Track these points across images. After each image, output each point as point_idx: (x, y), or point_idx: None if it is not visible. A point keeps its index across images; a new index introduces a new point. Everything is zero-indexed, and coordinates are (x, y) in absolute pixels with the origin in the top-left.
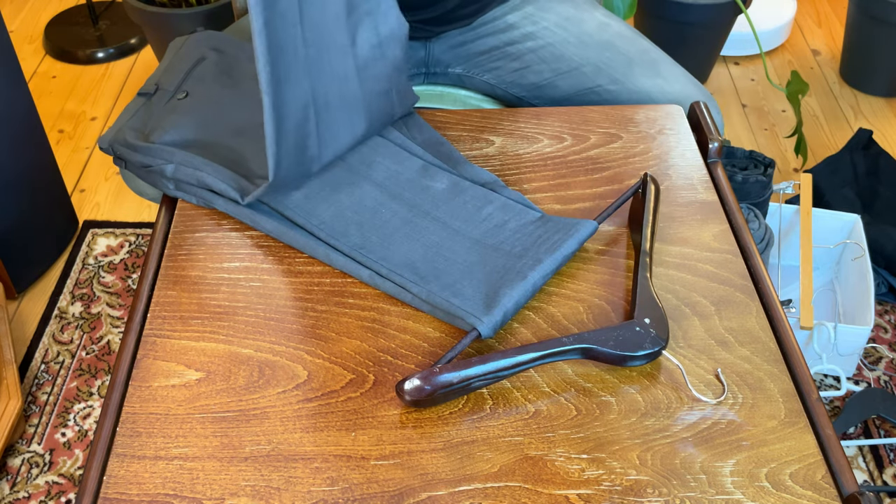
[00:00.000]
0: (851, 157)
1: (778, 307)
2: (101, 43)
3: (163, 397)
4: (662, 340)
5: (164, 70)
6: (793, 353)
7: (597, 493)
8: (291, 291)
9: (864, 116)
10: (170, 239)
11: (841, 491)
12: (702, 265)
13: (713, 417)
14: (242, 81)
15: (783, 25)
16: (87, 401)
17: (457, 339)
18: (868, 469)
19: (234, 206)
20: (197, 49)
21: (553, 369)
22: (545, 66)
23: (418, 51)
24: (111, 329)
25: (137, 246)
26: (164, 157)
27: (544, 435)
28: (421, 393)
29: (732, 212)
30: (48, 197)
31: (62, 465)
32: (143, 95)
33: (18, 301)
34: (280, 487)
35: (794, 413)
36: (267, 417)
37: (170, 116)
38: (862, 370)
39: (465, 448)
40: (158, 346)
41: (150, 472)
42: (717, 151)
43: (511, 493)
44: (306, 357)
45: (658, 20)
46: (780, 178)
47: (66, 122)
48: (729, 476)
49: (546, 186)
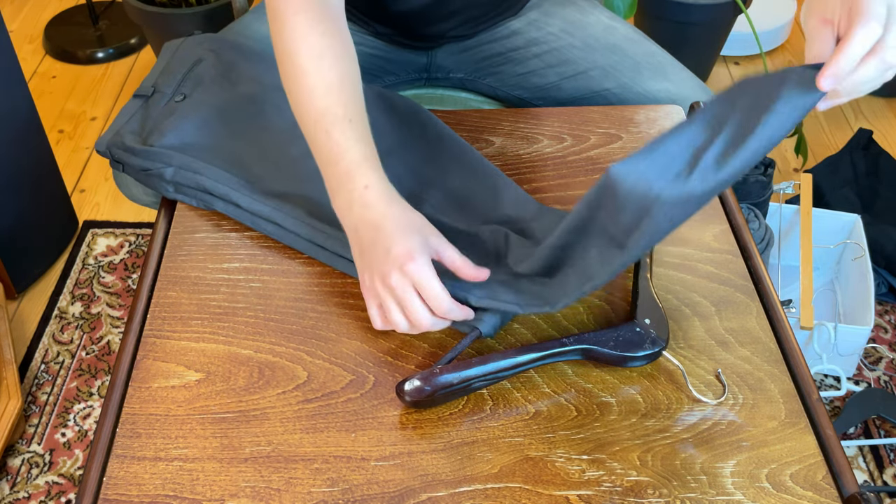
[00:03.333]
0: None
1: (778, 307)
2: (101, 43)
3: (163, 398)
4: (662, 341)
5: (162, 72)
6: (793, 354)
7: (597, 493)
8: (291, 292)
9: (864, 116)
10: (169, 240)
11: (841, 491)
12: (702, 265)
13: (713, 418)
14: (240, 83)
15: (783, 25)
16: (87, 401)
17: (457, 339)
18: (868, 469)
19: (234, 207)
20: (194, 51)
21: (553, 370)
22: (551, 71)
23: (420, 58)
24: (111, 329)
25: (137, 246)
26: (163, 161)
27: (544, 436)
28: (421, 394)
29: (732, 212)
30: (48, 197)
31: (62, 465)
32: (140, 97)
33: (18, 301)
34: (280, 488)
35: (794, 413)
36: (267, 418)
37: (168, 119)
38: (862, 370)
39: (465, 449)
40: (158, 346)
41: (150, 472)
42: None
43: (511, 494)
44: (306, 358)
45: (658, 20)
46: (780, 178)
47: (66, 122)
48: (729, 477)
49: (546, 187)
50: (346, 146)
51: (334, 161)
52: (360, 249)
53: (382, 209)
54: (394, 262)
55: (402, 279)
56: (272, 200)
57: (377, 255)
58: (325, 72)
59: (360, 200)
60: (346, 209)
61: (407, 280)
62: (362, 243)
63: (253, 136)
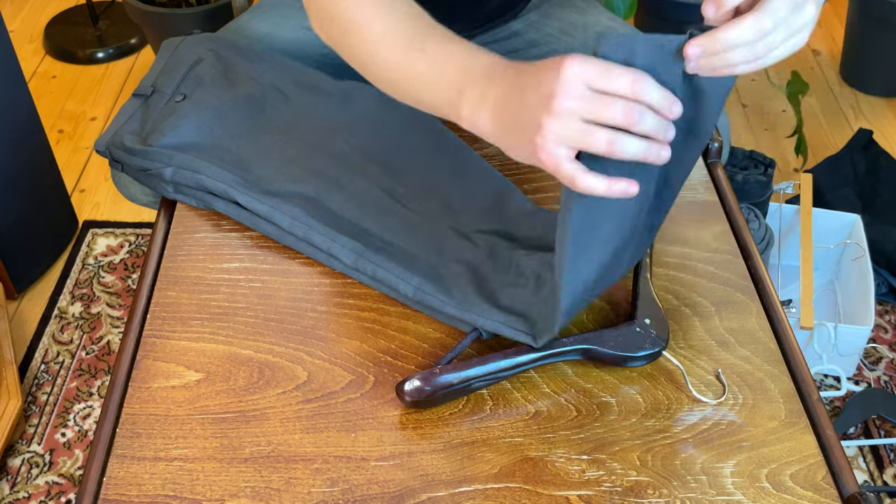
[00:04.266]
0: (851, 157)
1: (778, 307)
2: (101, 43)
3: (162, 398)
4: (662, 341)
5: (161, 72)
6: (793, 354)
7: (597, 493)
8: (291, 292)
9: (864, 116)
10: (169, 240)
11: (841, 491)
12: (702, 265)
13: (714, 418)
14: (240, 83)
15: None
16: (87, 401)
17: (457, 339)
18: (868, 469)
19: (234, 207)
20: (194, 51)
21: (553, 370)
22: None
23: None
24: (111, 329)
25: (137, 246)
26: (162, 161)
27: (544, 436)
28: (421, 394)
29: (732, 212)
30: (48, 197)
31: (62, 465)
32: (139, 97)
33: (18, 301)
34: (280, 488)
35: (794, 413)
36: (267, 418)
37: (168, 119)
38: (862, 370)
39: (465, 449)
40: (158, 346)
41: (150, 473)
42: (718, 152)
43: (511, 494)
44: (306, 358)
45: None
46: (780, 178)
47: (66, 122)
48: (729, 477)
49: (546, 186)
50: (450, 49)
51: (441, 69)
52: (511, 127)
53: (514, 70)
54: (550, 79)
55: (570, 84)
56: (271, 200)
57: (530, 100)
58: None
59: (487, 81)
60: (476, 106)
61: (576, 82)
62: (512, 118)
63: (253, 136)
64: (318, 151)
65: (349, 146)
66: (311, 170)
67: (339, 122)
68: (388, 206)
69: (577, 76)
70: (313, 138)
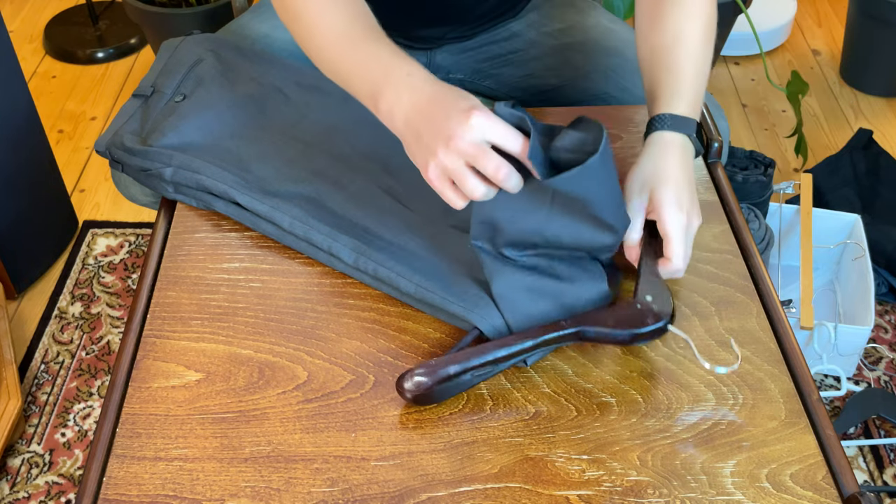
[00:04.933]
0: (851, 157)
1: (778, 307)
2: (100, 43)
3: (162, 398)
4: (667, 314)
5: (161, 72)
6: (793, 354)
7: (597, 493)
8: (291, 292)
9: (864, 116)
10: (169, 240)
11: (841, 491)
12: (702, 265)
13: (714, 418)
14: (240, 83)
15: (783, 25)
16: (87, 401)
17: (457, 340)
18: (868, 469)
19: (234, 207)
20: (194, 51)
21: (553, 370)
22: (550, 73)
23: (420, 58)
24: (111, 329)
25: (137, 246)
26: (162, 161)
27: (544, 436)
28: (421, 387)
29: (732, 212)
30: (48, 197)
31: (62, 465)
32: (139, 97)
33: (18, 301)
34: (280, 488)
35: (794, 413)
36: (267, 418)
37: (168, 119)
38: (862, 370)
39: (465, 449)
40: (158, 346)
41: (150, 472)
42: (718, 152)
43: (511, 494)
44: (306, 358)
45: None
46: (780, 178)
47: (66, 122)
48: (729, 477)
49: None
50: (376, 50)
51: (367, 68)
52: (417, 137)
53: (431, 88)
54: (457, 121)
55: (471, 133)
56: (271, 200)
57: (436, 126)
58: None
59: (407, 88)
60: (393, 105)
61: (476, 132)
62: (418, 129)
63: (253, 137)
64: (319, 151)
65: (349, 146)
66: (312, 170)
67: (340, 123)
68: (389, 205)
69: (479, 128)
70: (313, 138)
